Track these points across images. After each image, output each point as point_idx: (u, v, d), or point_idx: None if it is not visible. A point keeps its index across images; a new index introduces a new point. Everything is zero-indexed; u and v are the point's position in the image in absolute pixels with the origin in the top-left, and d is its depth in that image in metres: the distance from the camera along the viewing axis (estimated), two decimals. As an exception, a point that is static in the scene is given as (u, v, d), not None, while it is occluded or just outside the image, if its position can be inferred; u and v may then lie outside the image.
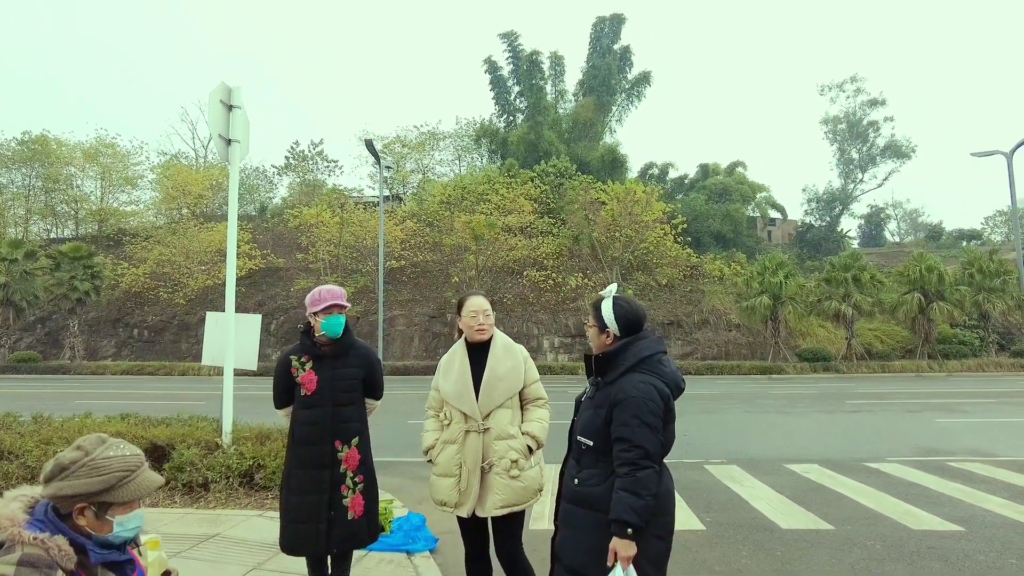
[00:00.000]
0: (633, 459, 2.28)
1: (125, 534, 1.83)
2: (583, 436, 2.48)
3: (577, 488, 2.45)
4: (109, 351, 38.72)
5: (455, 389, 3.20)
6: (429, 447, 3.29)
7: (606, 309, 2.57)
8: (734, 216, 43.29)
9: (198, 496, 5.83)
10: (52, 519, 1.76)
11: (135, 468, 1.82)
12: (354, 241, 36.39)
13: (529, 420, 3.22)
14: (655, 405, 2.34)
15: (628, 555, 2.22)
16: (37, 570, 1.63)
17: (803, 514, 5.83)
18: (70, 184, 49.00)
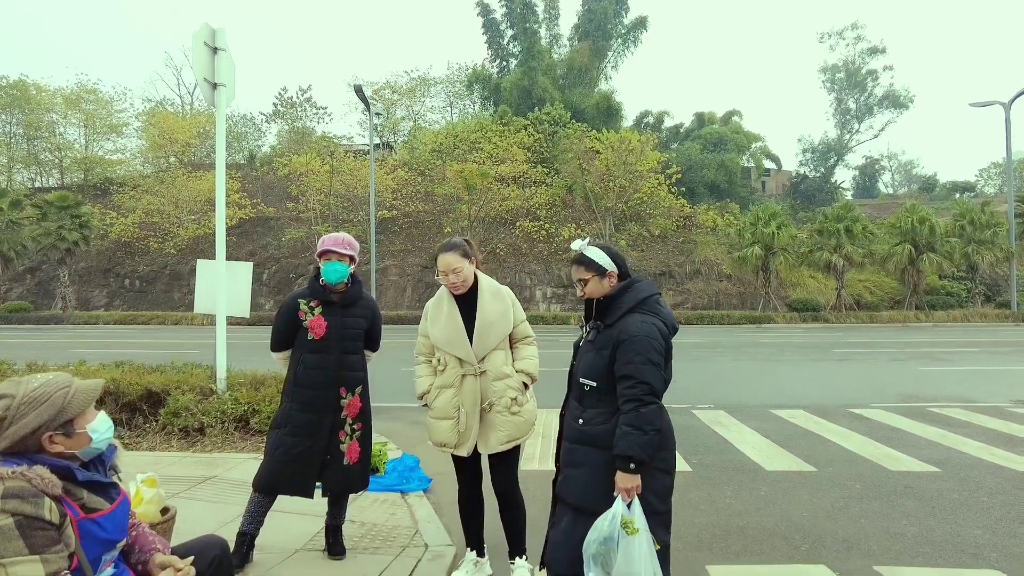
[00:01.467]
0: (638, 395, 2.32)
1: (102, 439, 1.88)
2: (586, 378, 2.51)
3: (582, 428, 2.49)
4: (101, 301, 38.63)
5: (446, 336, 3.21)
6: (424, 392, 3.32)
7: (596, 254, 2.57)
8: (729, 166, 42.94)
9: (194, 440, 5.93)
10: (28, 457, 1.79)
11: (67, 384, 1.86)
12: (345, 190, 35.98)
13: (521, 358, 3.28)
14: (657, 343, 2.39)
15: (631, 488, 2.28)
16: (24, 500, 1.67)
17: (787, 457, 5.99)
18: (53, 132, 47.85)
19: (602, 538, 2.25)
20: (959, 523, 4.25)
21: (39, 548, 1.66)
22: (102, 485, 1.91)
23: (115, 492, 1.96)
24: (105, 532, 1.87)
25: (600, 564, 2.26)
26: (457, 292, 3.23)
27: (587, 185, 34.40)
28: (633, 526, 2.21)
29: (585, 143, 34.76)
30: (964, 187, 55.27)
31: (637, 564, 2.17)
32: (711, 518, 4.33)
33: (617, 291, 2.52)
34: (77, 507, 1.82)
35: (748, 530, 4.10)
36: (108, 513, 1.89)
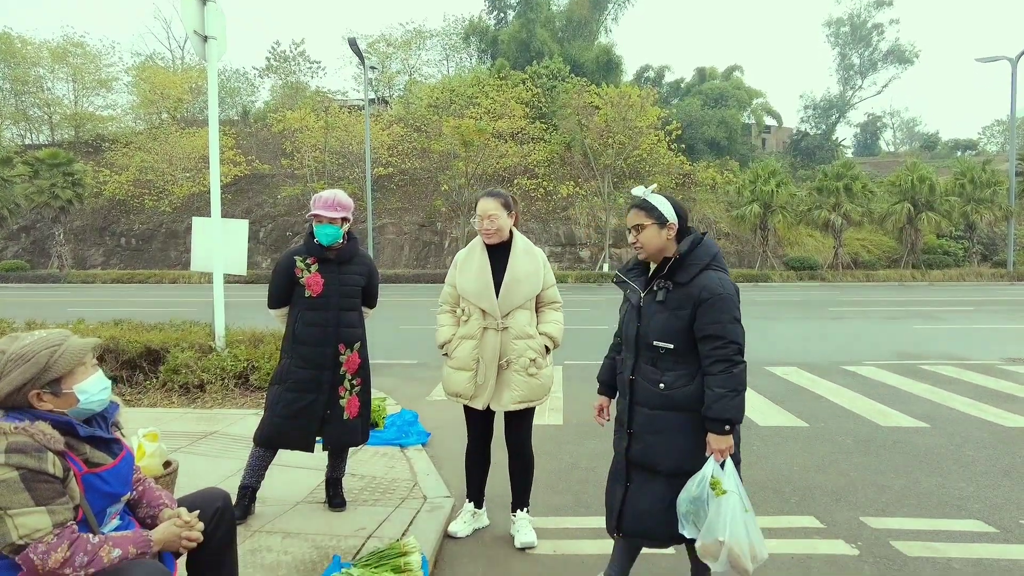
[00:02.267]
0: (729, 355, 2.28)
1: (93, 399, 1.89)
2: (661, 341, 2.40)
3: (666, 393, 2.39)
4: (97, 260, 38.50)
5: (474, 287, 3.20)
6: (445, 341, 3.32)
7: (660, 202, 2.46)
8: (729, 123, 42.32)
9: (195, 397, 6.00)
10: (29, 413, 1.82)
11: (59, 342, 1.86)
12: (340, 147, 35.52)
13: (546, 322, 3.28)
14: (737, 300, 2.35)
15: (726, 448, 2.26)
16: (26, 454, 1.70)
17: (780, 413, 6.09)
18: (40, 87, 46.84)
19: (691, 497, 2.26)
20: (945, 476, 4.36)
21: (45, 500, 1.70)
22: (104, 441, 1.93)
23: (117, 448, 1.99)
24: (108, 486, 1.90)
25: (692, 522, 2.28)
26: (489, 241, 3.20)
27: (586, 141, 33.97)
28: (721, 487, 2.20)
29: (584, 98, 34.17)
30: (966, 145, 54.71)
31: (720, 523, 2.18)
32: (704, 472, 4.43)
33: (688, 247, 2.40)
34: (80, 461, 1.86)
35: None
36: (111, 467, 1.92)
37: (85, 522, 1.83)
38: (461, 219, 33.27)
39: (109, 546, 1.71)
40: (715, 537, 2.19)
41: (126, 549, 1.73)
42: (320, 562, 2.87)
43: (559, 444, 4.99)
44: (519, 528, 3.28)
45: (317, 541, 3.11)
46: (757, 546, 2.25)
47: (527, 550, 3.19)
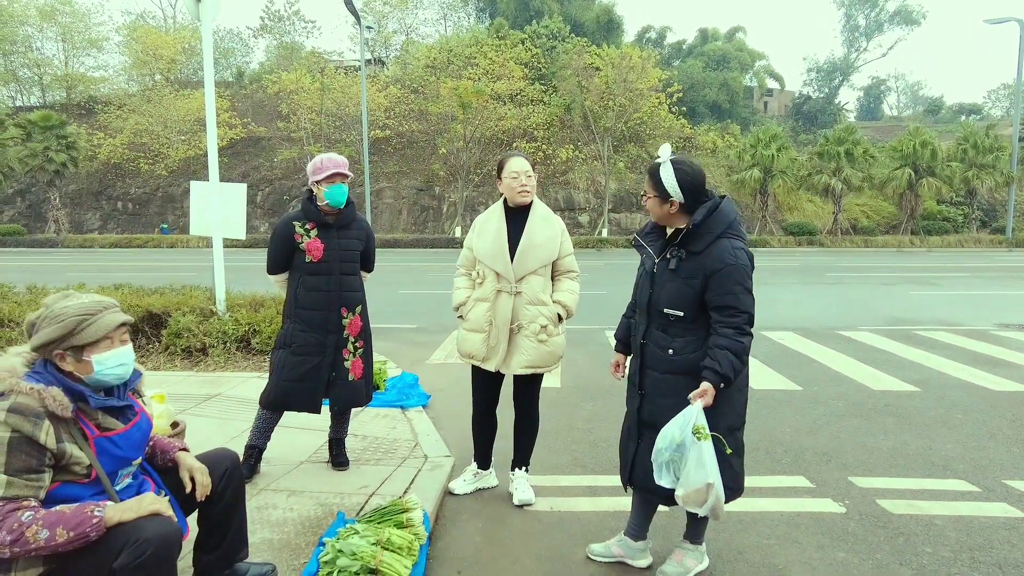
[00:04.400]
0: (740, 324, 2.31)
1: (107, 372, 1.94)
2: (671, 308, 2.43)
3: (674, 358, 2.44)
4: (95, 224, 38.29)
5: (490, 250, 3.23)
6: (460, 303, 3.37)
7: (667, 175, 2.41)
8: (731, 85, 41.77)
9: (197, 360, 6.08)
10: (51, 372, 1.90)
11: (94, 312, 1.92)
12: (336, 109, 35.01)
13: (561, 290, 3.30)
14: (750, 270, 2.36)
15: (709, 401, 2.30)
16: (24, 417, 1.77)
17: (774, 376, 6.19)
18: (29, 46, 45.84)
19: (675, 445, 2.28)
20: (932, 438, 4.46)
21: (13, 470, 1.74)
22: (116, 408, 2.00)
23: (131, 414, 2.05)
24: (120, 450, 1.97)
25: (672, 471, 2.31)
26: (525, 200, 3.22)
27: (586, 104, 33.52)
28: (704, 432, 2.24)
29: (584, 59, 33.61)
30: (971, 109, 54.07)
31: (708, 467, 2.23)
32: (698, 433, 4.53)
33: (702, 217, 2.38)
34: (93, 426, 1.93)
35: (732, 444, 4.30)
36: (122, 432, 1.99)
37: (98, 481, 1.90)
38: (459, 183, 33.04)
39: (37, 527, 1.71)
40: (705, 481, 2.23)
41: (55, 532, 1.71)
42: (325, 518, 2.96)
43: (556, 406, 5.08)
44: (517, 486, 3.38)
45: (321, 499, 3.20)
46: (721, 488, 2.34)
47: (525, 507, 3.29)
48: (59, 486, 1.84)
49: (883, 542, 2.96)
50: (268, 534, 2.80)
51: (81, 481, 1.88)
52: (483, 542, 2.95)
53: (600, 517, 3.18)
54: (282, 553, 2.63)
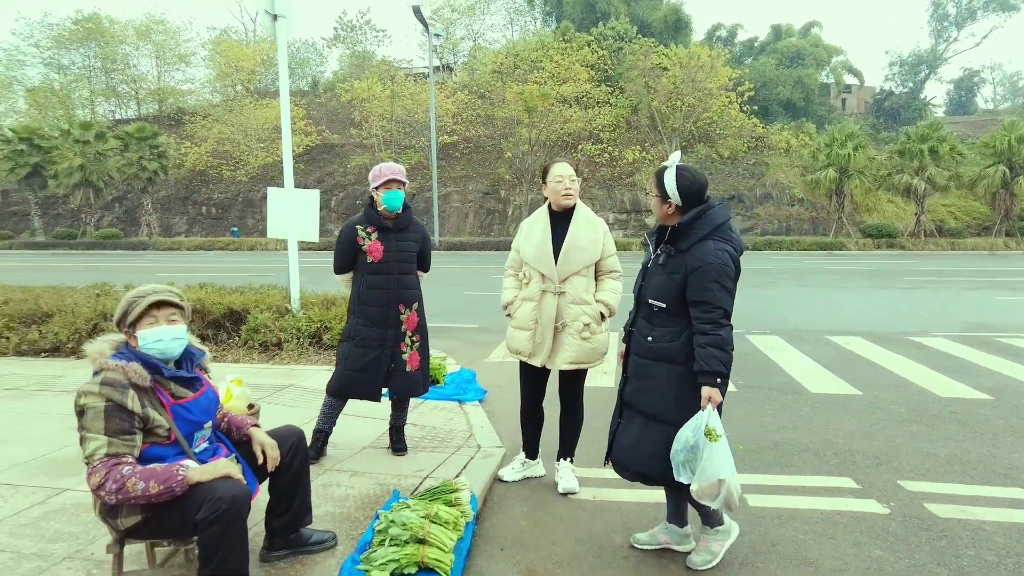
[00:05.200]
0: (715, 319, 2.47)
1: (149, 347, 2.25)
2: (655, 300, 2.63)
3: (652, 345, 2.64)
4: (181, 227, 40.83)
5: (535, 252, 3.41)
6: (508, 302, 3.57)
7: (668, 179, 2.60)
8: (806, 83, 40.30)
9: (273, 354, 6.55)
10: (131, 351, 2.26)
11: (139, 297, 2.27)
12: (406, 115, 36.01)
13: (603, 290, 3.46)
14: (730, 270, 2.52)
15: (719, 400, 2.48)
16: (114, 388, 2.13)
17: (834, 380, 6.08)
18: (127, 64, 49.47)
19: (688, 447, 2.48)
20: (997, 446, 4.32)
21: (111, 432, 2.11)
22: (186, 379, 2.33)
23: (199, 384, 2.39)
24: (191, 415, 2.31)
25: (689, 468, 2.51)
26: (569, 202, 3.38)
27: (653, 105, 33.21)
28: (715, 433, 2.43)
29: (651, 60, 33.32)
30: (1076, 100, 50.02)
31: (720, 464, 2.42)
32: (747, 433, 4.56)
33: (690, 218, 2.57)
34: (168, 395, 2.27)
35: (782, 445, 4.31)
36: (192, 400, 2.33)
37: (178, 443, 2.23)
38: (524, 186, 33.32)
39: (135, 479, 2.05)
40: (716, 477, 2.41)
41: (149, 484, 2.05)
42: (382, 496, 3.23)
43: (607, 404, 5.18)
44: (562, 475, 3.55)
45: (380, 479, 3.48)
46: (739, 486, 2.51)
47: (569, 495, 3.46)
48: (148, 447, 2.19)
49: (924, 543, 2.96)
50: (331, 508, 3.08)
51: (163, 443, 2.22)
52: (527, 525, 3.14)
53: (640, 507, 3.31)
54: (343, 524, 2.91)
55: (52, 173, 36.23)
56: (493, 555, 2.83)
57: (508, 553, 2.86)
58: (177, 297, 2.31)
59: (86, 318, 6.96)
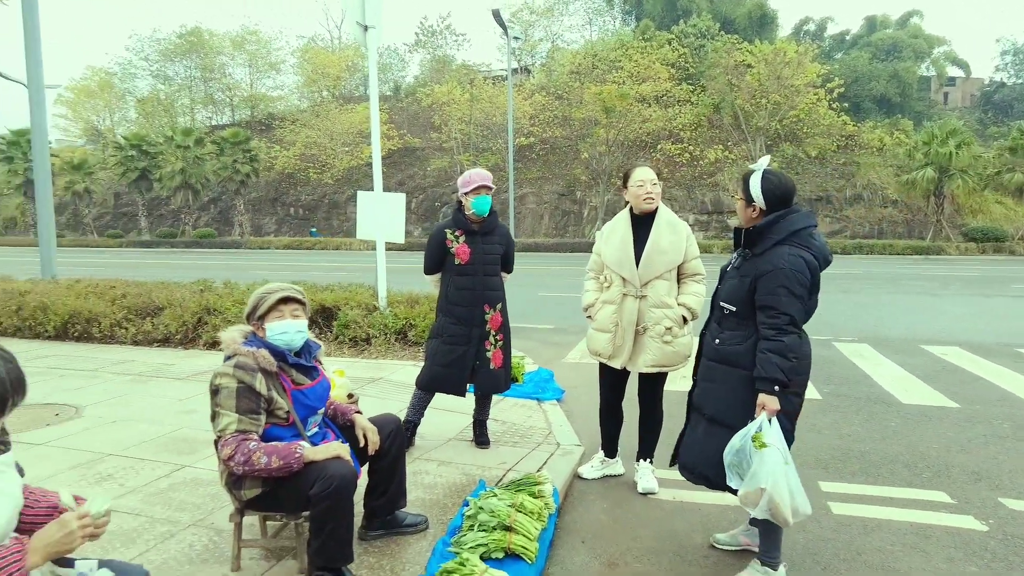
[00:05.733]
0: (780, 324, 2.45)
1: (275, 338, 2.48)
2: (726, 302, 2.66)
3: (719, 347, 2.66)
4: (271, 228, 43.06)
5: (616, 256, 3.48)
6: (589, 305, 3.66)
7: (754, 183, 2.60)
8: (903, 76, 38.10)
9: (362, 349, 6.90)
10: (259, 339, 2.51)
11: (267, 293, 2.50)
12: (484, 118, 36.54)
13: (686, 293, 3.48)
14: (803, 276, 2.48)
15: (773, 408, 2.48)
16: (245, 371, 2.38)
17: (928, 392, 5.81)
18: (223, 73, 52.67)
19: (735, 450, 2.51)
20: (1115, 466, 4.03)
21: (241, 411, 2.35)
22: (305, 367, 2.57)
23: (315, 374, 2.62)
24: (308, 400, 2.54)
25: (736, 473, 2.53)
26: (651, 206, 3.42)
27: (736, 103, 32.29)
28: (761, 441, 2.42)
29: (735, 57, 32.40)
30: None
31: (765, 473, 2.39)
32: (833, 442, 4.45)
33: (769, 221, 2.57)
34: (289, 380, 2.51)
35: (869, 455, 4.19)
36: (309, 387, 2.56)
37: (294, 425, 2.46)
38: (601, 187, 33.15)
39: (260, 454, 2.28)
40: (757, 486, 2.38)
41: (271, 459, 2.28)
42: (468, 485, 3.40)
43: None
44: (642, 475, 3.60)
45: (465, 469, 3.66)
46: (799, 499, 2.41)
47: (648, 495, 3.51)
48: (268, 427, 2.43)
49: (1026, 562, 2.84)
50: (421, 494, 3.28)
51: (282, 424, 2.45)
52: (607, 520, 3.23)
53: (720, 510, 3.33)
54: (432, 510, 3.09)
55: (157, 176, 39.16)
56: (575, 546, 2.94)
57: (589, 545, 2.95)
58: (300, 295, 2.54)
59: (192, 312, 7.56)
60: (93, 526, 1.47)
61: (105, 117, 54.25)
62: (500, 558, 2.57)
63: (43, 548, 1.41)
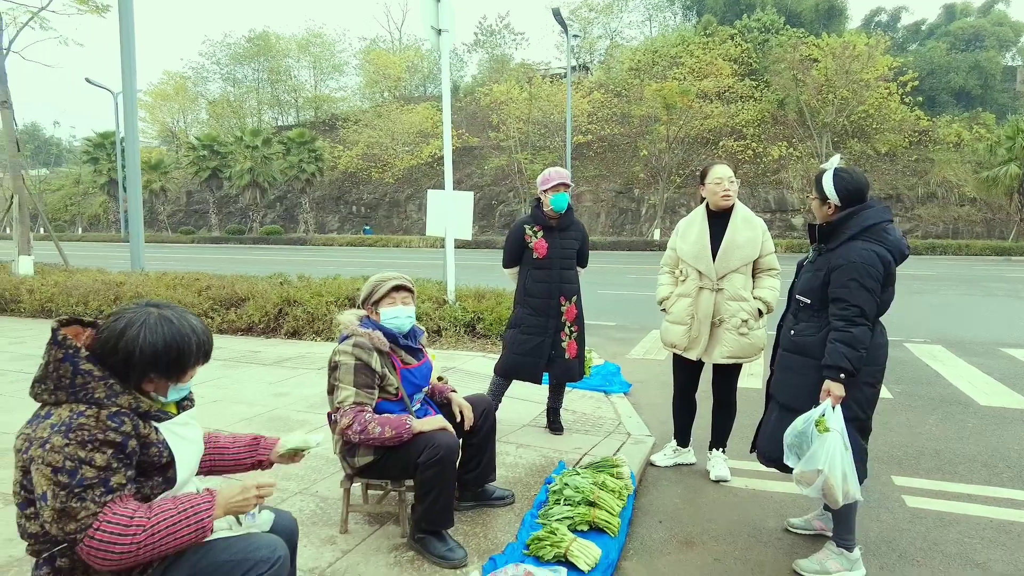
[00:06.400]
0: (850, 316, 2.54)
1: (387, 322, 2.72)
2: (802, 295, 2.79)
3: (794, 338, 2.77)
4: (334, 225, 44.43)
5: (693, 250, 3.61)
6: (664, 298, 3.81)
7: (827, 181, 2.69)
8: (985, 67, 36.20)
9: (433, 340, 7.18)
10: (372, 322, 2.75)
11: (380, 281, 2.75)
12: (542, 116, 36.70)
13: (761, 287, 3.60)
14: (875, 270, 2.56)
15: (838, 396, 2.57)
16: (364, 349, 2.63)
17: (1009, 395, 5.65)
18: (289, 75, 54.65)
19: (797, 431, 2.62)
20: None
21: (358, 385, 2.60)
22: (413, 349, 2.81)
23: (420, 355, 2.86)
24: (415, 378, 2.78)
25: (795, 453, 2.64)
26: (727, 203, 3.54)
27: (801, 98, 31.42)
28: (824, 425, 2.52)
29: (800, 51, 31.52)
30: None
31: (825, 456, 2.50)
32: (906, 439, 4.43)
33: (842, 217, 2.67)
34: (398, 360, 2.75)
35: (944, 454, 4.16)
36: (416, 367, 2.80)
37: (402, 400, 2.70)
38: (660, 184, 32.82)
39: (374, 424, 2.51)
40: (815, 467, 2.50)
41: (384, 429, 2.51)
42: (547, 466, 3.60)
43: (752, 403, 5.24)
44: (714, 464, 3.72)
45: (543, 452, 3.86)
46: (851, 483, 2.51)
47: (721, 482, 3.63)
48: (379, 402, 2.67)
49: (1111, 560, 2.82)
50: (504, 472, 3.49)
51: (391, 399, 2.70)
52: (682, 503, 3.36)
53: (793, 498, 3.41)
54: (515, 487, 3.29)
55: (227, 175, 40.95)
56: (652, 526, 3.09)
57: (666, 525, 3.10)
58: (410, 283, 2.78)
59: (273, 303, 8.01)
60: (263, 493, 1.73)
61: (179, 119, 57.15)
62: (585, 530, 2.74)
63: (225, 504, 1.67)
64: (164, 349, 1.60)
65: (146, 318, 1.61)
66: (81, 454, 1.47)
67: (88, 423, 1.49)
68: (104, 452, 1.50)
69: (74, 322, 1.64)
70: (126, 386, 1.59)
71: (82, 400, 1.53)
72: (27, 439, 1.52)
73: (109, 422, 1.52)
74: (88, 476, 1.47)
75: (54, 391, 1.54)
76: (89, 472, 1.47)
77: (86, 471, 1.47)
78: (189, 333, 1.66)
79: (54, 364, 1.54)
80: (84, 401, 1.53)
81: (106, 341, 1.58)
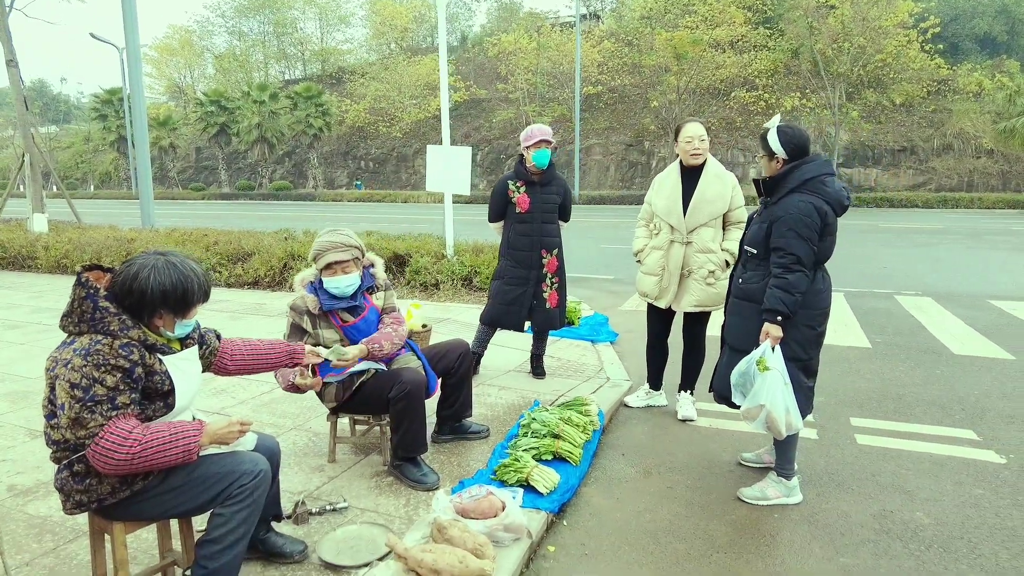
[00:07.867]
0: (787, 264, 2.77)
1: (330, 288, 2.87)
2: (749, 245, 3.00)
3: (742, 285, 2.99)
4: (343, 180, 44.43)
5: (665, 205, 3.80)
6: (639, 250, 4.03)
7: (772, 138, 2.88)
8: (1013, 12, 34.94)
9: (431, 293, 7.47)
10: (316, 286, 2.93)
11: (320, 253, 2.85)
12: (551, 67, 36.14)
13: (729, 239, 3.79)
14: (811, 220, 2.76)
15: (776, 336, 2.80)
16: (296, 312, 2.89)
17: (984, 344, 5.83)
18: (295, 28, 53.80)
19: (741, 372, 2.88)
20: None
21: (289, 337, 2.86)
22: (347, 308, 2.93)
23: (359, 311, 2.97)
24: (359, 333, 2.94)
25: (740, 391, 2.90)
26: (697, 161, 3.73)
27: (816, 48, 30.64)
28: (764, 365, 2.77)
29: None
30: None
31: (766, 393, 2.75)
32: (872, 385, 4.66)
33: (781, 173, 2.87)
34: (339, 318, 2.93)
35: (905, 398, 4.39)
36: (355, 323, 2.95)
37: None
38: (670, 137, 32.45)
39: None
40: (758, 403, 2.75)
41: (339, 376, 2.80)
42: (524, 405, 3.89)
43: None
44: (682, 404, 3.98)
45: (522, 393, 4.15)
46: (794, 416, 2.77)
47: (687, 422, 3.90)
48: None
49: (1035, 489, 3.06)
50: (484, 411, 3.78)
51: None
52: (646, 440, 3.64)
53: (752, 436, 3.66)
54: (493, 423, 3.58)
55: (235, 131, 40.93)
56: (615, 458, 3.38)
57: (628, 458, 3.38)
58: (347, 252, 2.85)
59: (278, 258, 8.29)
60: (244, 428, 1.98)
61: (186, 74, 56.76)
62: (549, 459, 3.03)
63: (212, 434, 1.92)
64: (171, 288, 1.87)
65: (155, 263, 1.88)
66: (95, 374, 1.75)
67: (103, 350, 1.77)
68: (114, 375, 1.77)
69: (95, 268, 1.92)
70: (137, 322, 1.87)
71: (99, 331, 1.81)
72: (55, 360, 1.81)
73: (120, 350, 1.79)
74: (99, 393, 1.75)
75: (78, 323, 1.82)
76: (100, 390, 1.75)
77: (98, 389, 1.75)
78: (191, 275, 1.93)
79: (78, 301, 1.82)
80: (101, 332, 1.81)
81: (122, 283, 1.85)
